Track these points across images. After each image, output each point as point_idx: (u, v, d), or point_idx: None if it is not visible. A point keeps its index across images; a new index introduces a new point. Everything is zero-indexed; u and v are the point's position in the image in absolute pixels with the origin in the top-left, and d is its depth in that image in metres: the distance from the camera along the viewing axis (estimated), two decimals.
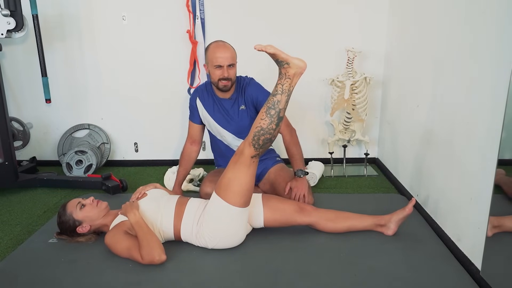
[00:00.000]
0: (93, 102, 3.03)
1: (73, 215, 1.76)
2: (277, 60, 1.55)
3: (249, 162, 1.61)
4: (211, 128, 2.28)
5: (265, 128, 1.57)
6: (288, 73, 1.55)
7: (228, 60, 2.06)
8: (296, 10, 2.78)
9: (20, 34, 2.49)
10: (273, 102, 1.57)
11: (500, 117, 1.32)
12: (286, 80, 1.56)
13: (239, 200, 1.63)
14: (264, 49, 1.49)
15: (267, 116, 1.57)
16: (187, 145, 2.32)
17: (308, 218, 1.82)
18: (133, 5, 2.81)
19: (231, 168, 1.64)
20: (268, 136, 1.58)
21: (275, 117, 1.57)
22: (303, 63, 1.56)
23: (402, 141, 2.46)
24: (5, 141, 2.47)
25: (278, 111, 1.57)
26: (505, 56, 1.34)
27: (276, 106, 1.56)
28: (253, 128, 1.59)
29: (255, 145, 1.59)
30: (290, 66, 1.54)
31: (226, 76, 2.08)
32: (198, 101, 2.26)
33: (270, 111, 1.57)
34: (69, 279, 1.57)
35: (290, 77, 1.56)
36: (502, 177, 1.35)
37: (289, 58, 1.54)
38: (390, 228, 1.81)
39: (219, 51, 2.06)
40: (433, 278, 1.51)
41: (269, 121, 1.57)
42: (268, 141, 1.60)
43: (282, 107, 1.57)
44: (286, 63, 1.54)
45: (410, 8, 2.36)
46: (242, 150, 1.61)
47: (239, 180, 1.61)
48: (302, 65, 1.56)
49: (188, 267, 1.62)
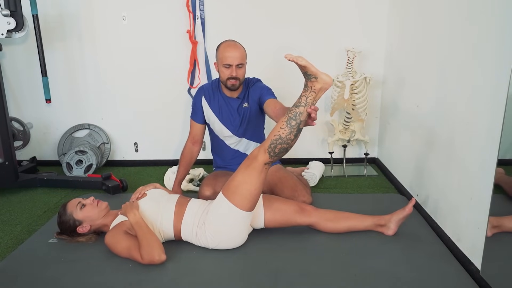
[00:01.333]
0: (93, 102, 3.03)
1: (73, 215, 1.76)
2: (306, 72, 1.55)
3: (262, 168, 1.61)
4: (214, 127, 2.28)
5: (284, 137, 1.58)
6: (314, 87, 1.56)
7: (237, 59, 2.06)
8: (296, 10, 2.78)
9: (20, 34, 2.49)
10: (295, 113, 1.57)
11: (500, 117, 1.32)
12: (311, 93, 1.56)
13: (246, 204, 1.63)
14: (295, 60, 1.49)
15: (288, 126, 1.57)
16: (188, 145, 2.32)
17: (308, 218, 1.82)
18: (133, 5, 2.81)
19: (242, 172, 1.64)
20: (285, 146, 1.59)
21: (295, 128, 1.57)
22: (330, 79, 1.56)
23: (402, 141, 2.46)
24: (5, 141, 2.47)
25: (299, 123, 1.57)
26: (506, 56, 1.34)
27: (298, 118, 1.57)
28: (271, 136, 1.60)
29: (270, 152, 1.59)
30: (317, 80, 1.55)
31: (234, 75, 2.09)
32: (204, 100, 2.26)
33: (291, 121, 1.57)
34: (69, 279, 1.57)
35: (315, 91, 1.56)
36: (502, 176, 1.35)
37: (318, 72, 1.54)
38: (390, 228, 1.81)
39: (229, 50, 2.07)
40: (433, 278, 1.51)
41: (288, 131, 1.57)
42: (284, 151, 1.61)
43: (304, 119, 1.58)
44: (314, 77, 1.54)
45: (410, 8, 2.36)
46: (256, 155, 1.61)
47: (249, 185, 1.61)
48: (329, 81, 1.56)
49: (188, 267, 1.62)
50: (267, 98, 2.12)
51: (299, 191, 2.12)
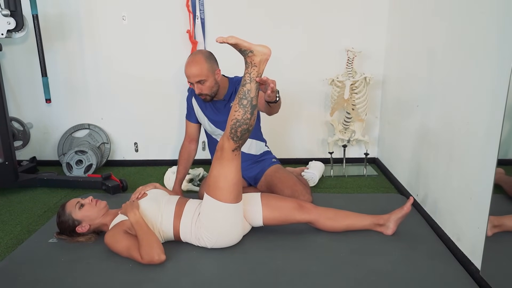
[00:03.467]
0: (93, 102, 3.03)
1: (72, 214, 1.76)
2: (241, 49, 1.54)
3: (231, 156, 1.60)
4: (206, 127, 2.29)
5: (240, 119, 1.57)
6: (253, 61, 1.55)
7: (195, 77, 2.02)
8: (296, 10, 2.78)
9: (20, 34, 2.49)
10: (244, 92, 1.57)
11: (500, 117, 1.32)
12: (252, 68, 1.56)
13: (228, 196, 1.63)
14: (226, 40, 1.49)
15: (240, 107, 1.57)
16: (185, 144, 2.32)
17: (307, 215, 1.82)
18: (133, 5, 2.81)
19: (215, 166, 1.64)
20: (245, 127, 1.58)
21: (248, 106, 1.57)
22: (267, 49, 1.56)
23: (402, 141, 2.46)
24: (5, 141, 2.47)
25: (250, 100, 1.57)
26: (505, 56, 1.34)
27: (248, 96, 1.56)
28: (229, 122, 1.59)
29: (233, 137, 1.58)
30: (254, 54, 1.54)
31: (198, 92, 2.07)
32: (194, 100, 2.27)
33: (242, 101, 1.57)
34: (69, 279, 1.57)
35: (256, 65, 1.55)
36: (502, 176, 1.35)
37: (252, 46, 1.54)
38: (389, 227, 1.81)
39: (186, 68, 2.03)
40: (432, 277, 1.52)
41: (243, 111, 1.57)
42: (246, 131, 1.59)
43: (254, 95, 1.57)
44: (250, 51, 1.54)
45: (410, 8, 2.36)
46: (222, 145, 1.61)
47: (225, 176, 1.61)
48: (266, 51, 1.55)
49: (188, 267, 1.62)
50: None
51: (299, 191, 2.11)
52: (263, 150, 2.39)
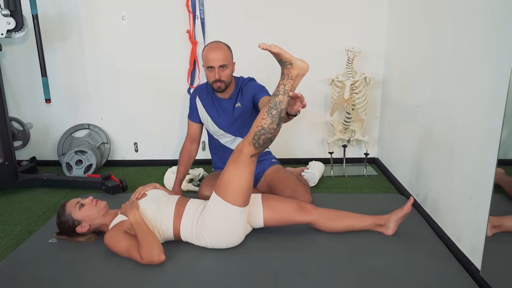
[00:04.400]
0: (93, 102, 3.03)
1: (72, 214, 1.76)
2: (281, 60, 1.54)
3: (249, 161, 1.61)
4: (208, 127, 2.29)
5: (266, 127, 1.57)
6: (290, 74, 1.55)
7: (219, 61, 2.04)
8: (296, 10, 2.78)
9: (20, 34, 2.49)
10: (275, 102, 1.56)
11: (500, 117, 1.32)
12: (288, 80, 1.55)
13: (238, 199, 1.63)
14: (269, 48, 1.47)
15: (269, 116, 1.57)
16: (186, 144, 2.32)
17: (308, 216, 1.82)
18: (133, 5, 2.81)
19: (230, 167, 1.64)
20: (269, 136, 1.58)
21: (277, 117, 1.57)
22: (306, 64, 1.55)
23: (402, 141, 2.46)
24: (5, 141, 2.47)
25: (280, 111, 1.57)
26: (505, 56, 1.34)
27: (278, 106, 1.56)
28: (254, 127, 1.59)
29: (255, 144, 1.59)
30: (293, 67, 1.54)
31: (218, 78, 2.07)
32: (198, 100, 2.27)
33: (271, 111, 1.57)
34: (69, 279, 1.57)
35: (292, 78, 1.55)
36: (502, 176, 1.35)
37: (293, 58, 1.53)
38: (390, 227, 1.81)
39: (211, 52, 2.05)
40: (432, 278, 1.52)
41: (270, 121, 1.57)
42: (268, 141, 1.60)
43: (284, 107, 1.57)
44: (289, 63, 1.53)
45: (410, 8, 2.36)
46: (242, 148, 1.61)
47: (239, 179, 1.61)
48: (305, 67, 1.55)
49: (188, 267, 1.62)
50: (261, 96, 2.11)
51: (299, 191, 2.11)
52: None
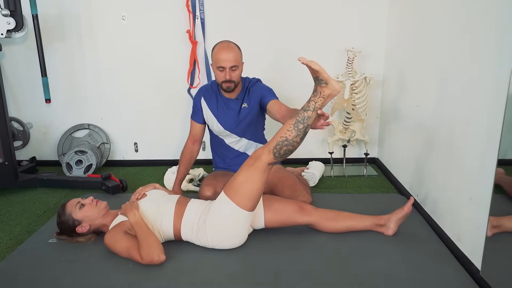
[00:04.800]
0: (93, 102, 3.03)
1: (73, 214, 1.76)
2: (317, 77, 1.56)
3: (265, 168, 1.62)
4: (213, 128, 2.28)
5: (290, 139, 1.59)
6: (323, 92, 1.58)
7: (230, 62, 2.04)
8: (296, 10, 2.78)
9: (20, 34, 2.49)
10: (303, 117, 1.59)
11: (500, 117, 1.32)
12: (320, 98, 1.58)
13: (248, 203, 1.64)
14: (309, 64, 1.51)
15: (295, 129, 1.59)
16: (188, 144, 2.31)
17: (308, 217, 1.82)
18: (133, 5, 2.81)
19: (244, 171, 1.64)
20: (291, 148, 1.61)
21: (302, 131, 1.60)
22: (340, 87, 1.59)
23: (402, 141, 2.46)
24: (5, 141, 2.47)
25: (306, 126, 1.60)
26: (505, 56, 1.34)
27: (306, 122, 1.59)
28: (277, 137, 1.61)
29: (275, 153, 1.60)
30: (327, 86, 1.57)
31: (228, 79, 2.07)
32: (203, 100, 2.26)
33: (298, 124, 1.59)
34: (69, 279, 1.57)
35: (324, 97, 1.58)
36: (502, 176, 1.35)
37: (330, 79, 1.56)
38: (390, 228, 1.81)
39: (222, 52, 2.05)
40: (433, 278, 1.52)
41: (295, 133, 1.59)
42: (289, 152, 1.62)
43: (311, 123, 1.60)
44: (325, 82, 1.56)
45: (410, 8, 2.36)
46: (260, 155, 1.62)
47: (252, 184, 1.62)
48: (338, 89, 1.59)
49: (188, 267, 1.62)
50: (270, 99, 2.12)
51: (299, 191, 2.12)
52: None
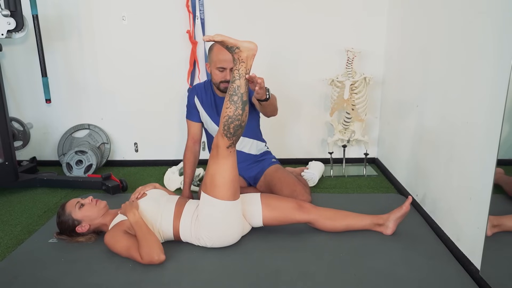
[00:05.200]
0: (93, 102, 3.04)
1: (72, 214, 1.76)
2: (227, 46, 1.58)
3: (227, 153, 1.62)
4: (208, 127, 2.29)
5: (232, 115, 1.59)
6: (241, 57, 1.59)
7: (231, 63, 2.04)
8: (296, 10, 2.78)
9: (20, 35, 2.49)
10: (234, 88, 1.60)
11: (500, 117, 1.32)
12: (240, 64, 1.59)
13: (225, 193, 1.64)
14: (212, 38, 1.53)
15: (231, 103, 1.60)
16: (189, 145, 2.29)
17: (307, 215, 1.82)
18: (133, 5, 2.81)
19: (211, 164, 1.66)
20: (237, 123, 1.60)
21: (239, 102, 1.59)
22: (254, 44, 1.59)
23: (402, 141, 2.47)
24: (5, 141, 2.47)
25: (241, 96, 1.60)
26: (505, 56, 1.34)
27: (238, 92, 1.59)
28: (221, 119, 1.62)
29: (227, 134, 1.60)
30: (241, 50, 1.58)
31: (228, 79, 2.08)
32: (196, 99, 2.26)
33: (232, 97, 1.60)
34: (69, 279, 1.57)
35: (243, 61, 1.59)
36: (501, 176, 1.35)
37: (239, 42, 1.57)
38: (389, 227, 1.81)
39: (223, 53, 2.04)
40: (432, 277, 1.52)
41: (234, 107, 1.59)
42: (239, 127, 1.62)
43: (244, 91, 1.60)
44: (236, 47, 1.58)
45: (410, 8, 2.36)
46: (217, 143, 1.63)
47: (221, 173, 1.63)
48: (253, 47, 1.59)
49: (188, 267, 1.62)
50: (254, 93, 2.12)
51: (298, 191, 2.11)
52: (263, 150, 2.39)
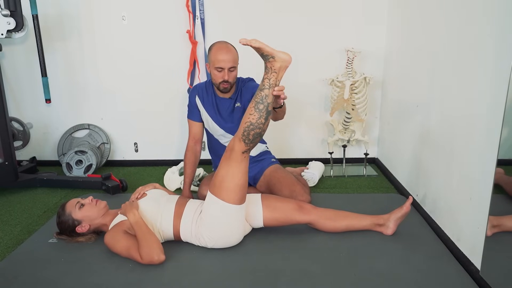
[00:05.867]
0: (93, 102, 3.03)
1: (72, 214, 1.76)
2: (262, 54, 1.56)
3: (241, 157, 1.61)
4: (209, 126, 2.29)
5: (255, 123, 1.58)
6: (274, 67, 1.57)
7: (229, 63, 2.05)
8: (296, 10, 2.78)
9: (20, 34, 2.49)
10: (261, 96, 1.58)
11: (500, 117, 1.32)
12: (272, 74, 1.57)
13: (233, 197, 1.63)
14: (249, 43, 1.51)
15: (256, 111, 1.58)
16: (190, 145, 2.29)
17: (307, 216, 1.82)
18: (133, 5, 2.81)
19: (222, 166, 1.65)
20: (258, 131, 1.60)
21: (264, 111, 1.58)
22: (288, 56, 1.57)
23: (402, 141, 2.47)
24: (5, 141, 2.47)
25: (267, 105, 1.58)
26: (505, 56, 1.34)
27: (265, 101, 1.58)
28: (243, 124, 1.60)
29: (245, 140, 1.60)
30: (275, 59, 1.55)
31: (226, 79, 2.08)
32: (197, 99, 2.26)
33: (258, 105, 1.58)
34: (69, 279, 1.57)
35: (276, 71, 1.57)
36: (501, 176, 1.35)
37: (274, 51, 1.55)
38: (389, 227, 1.81)
39: (221, 53, 2.05)
40: (432, 278, 1.52)
41: (258, 115, 1.58)
42: (258, 136, 1.61)
43: (270, 101, 1.59)
44: (271, 56, 1.55)
45: (410, 8, 2.36)
46: (233, 146, 1.62)
47: (232, 177, 1.62)
48: (287, 59, 1.57)
49: (188, 267, 1.62)
50: None
51: (298, 191, 2.11)
52: (262, 150, 2.39)
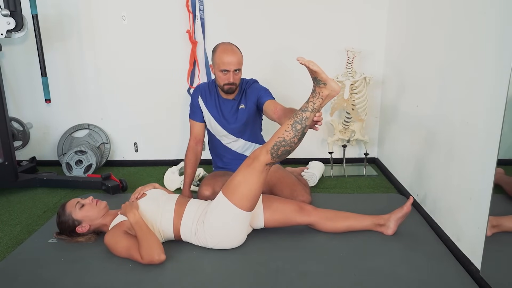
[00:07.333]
0: (93, 102, 3.03)
1: (72, 214, 1.76)
2: (316, 78, 1.55)
3: (263, 168, 1.62)
4: (211, 127, 2.28)
5: (288, 140, 1.59)
6: (322, 93, 1.57)
7: (235, 65, 2.04)
8: (296, 10, 2.78)
9: (20, 34, 2.49)
10: (301, 117, 1.58)
11: (500, 117, 1.32)
12: (318, 99, 1.57)
13: (245, 203, 1.64)
14: (307, 64, 1.50)
15: (293, 129, 1.58)
16: (191, 145, 2.28)
17: (308, 217, 1.82)
18: (133, 5, 2.81)
19: (242, 171, 1.64)
20: (288, 148, 1.60)
21: (300, 132, 1.59)
22: (339, 87, 1.57)
23: (402, 141, 2.47)
24: (5, 141, 2.47)
25: (304, 127, 1.59)
26: (505, 56, 1.34)
27: (303, 122, 1.58)
28: (275, 137, 1.60)
29: (273, 153, 1.60)
30: (326, 87, 1.55)
31: (232, 81, 2.08)
32: (200, 99, 2.26)
33: (296, 125, 1.58)
34: (69, 279, 1.57)
35: (322, 98, 1.57)
36: (502, 176, 1.35)
37: (328, 79, 1.54)
38: (390, 227, 1.81)
39: (226, 55, 2.04)
40: (432, 277, 1.52)
41: (293, 134, 1.58)
42: (286, 153, 1.62)
43: (309, 124, 1.59)
44: (323, 83, 1.55)
45: (409, 8, 2.36)
46: (258, 155, 1.61)
47: (249, 185, 1.62)
48: (337, 89, 1.57)
49: (188, 267, 1.62)
50: (266, 99, 2.12)
51: (298, 191, 2.12)
52: None
